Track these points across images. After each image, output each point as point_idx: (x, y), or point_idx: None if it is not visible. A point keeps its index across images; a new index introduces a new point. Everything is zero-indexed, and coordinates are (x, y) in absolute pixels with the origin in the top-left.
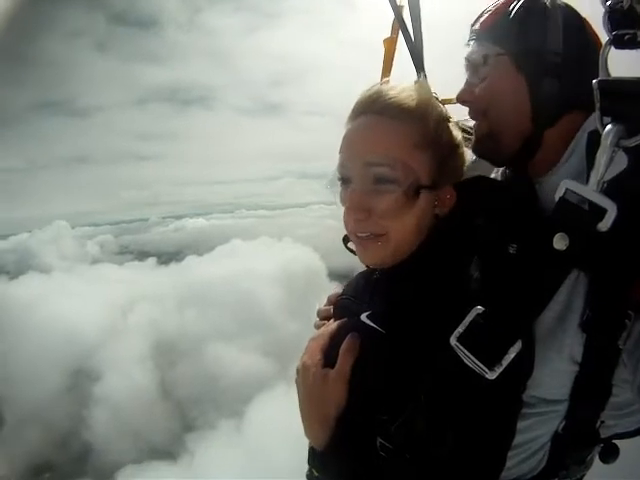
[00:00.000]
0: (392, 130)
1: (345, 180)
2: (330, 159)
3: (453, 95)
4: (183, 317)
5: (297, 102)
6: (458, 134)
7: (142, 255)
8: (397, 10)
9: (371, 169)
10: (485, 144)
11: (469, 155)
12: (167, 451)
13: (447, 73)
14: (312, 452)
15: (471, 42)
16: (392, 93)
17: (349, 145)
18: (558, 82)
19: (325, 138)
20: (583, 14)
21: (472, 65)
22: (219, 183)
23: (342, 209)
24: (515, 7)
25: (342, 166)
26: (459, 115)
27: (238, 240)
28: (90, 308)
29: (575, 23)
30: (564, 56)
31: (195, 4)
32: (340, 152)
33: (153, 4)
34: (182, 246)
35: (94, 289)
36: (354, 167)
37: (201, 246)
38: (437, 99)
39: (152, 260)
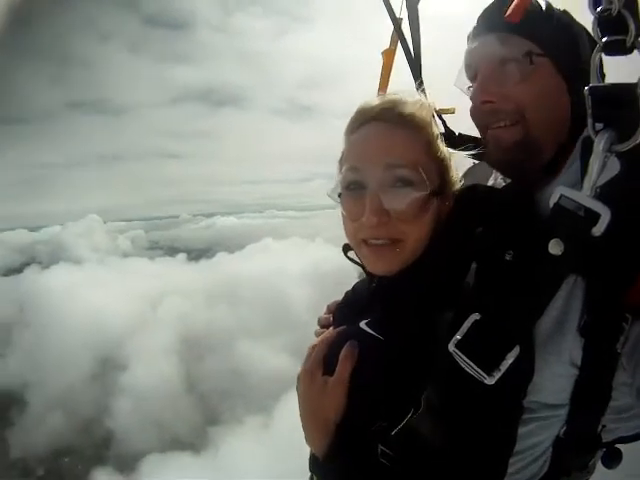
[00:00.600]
0: (408, 137)
1: (358, 185)
2: None
3: (450, 105)
4: (212, 313)
5: (329, 104)
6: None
7: (172, 251)
8: (396, 22)
9: (392, 171)
10: (516, 153)
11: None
12: (189, 443)
13: (445, 84)
14: (313, 459)
15: (494, 33)
16: (405, 104)
17: (365, 149)
18: None
19: None
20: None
21: (501, 60)
22: (250, 183)
23: (346, 218)
24: (546, 6)
25: (354, 170)
26: (458, 125)
27: (270, 239)
28: (120, 299)
29: (586, 32)
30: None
31: (227, 6)
32: (350, 158)
33: (185, 6)
34: (212, 243)
35: (125, 281)
36: (372, 170)
37: (232, 244)
38: (435, 109)
39: (182, 256)
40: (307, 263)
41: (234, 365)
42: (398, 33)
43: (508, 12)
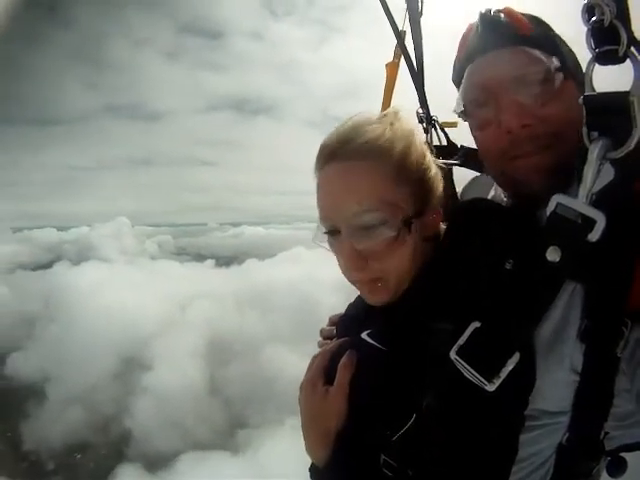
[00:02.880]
0: (367, 173)
1: (333, 232)
2: None
3: (454, 119)
4: (241, 318)
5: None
6: (428, 153)
7: (199, 257)
8: (399, 35)
9: (359, 219)
10: (556, 178)
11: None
12: (210, 444)
13: (448, 96)
14: (313, 470)
15: (506, 48)
16: (356, 135)
17: (328, 198)
18: None
19: None
20: (568, 33)
21: (524, 77)
22: (279, 194)
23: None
24: (544, 22)
25: (326, 219)
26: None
27: (301, 247)
28: (149, 300)
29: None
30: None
31: (263, 16)
32: (319, 203)
33: (221, 15)
34: (239, 252)
35: (154, 282)
36: (340, 220)
37: (260, 253)
38: (438, 123)
39: (210, 262)
40: (338, 272)
41: (261, 370)
42: (401, 46)
43: (516, 24)
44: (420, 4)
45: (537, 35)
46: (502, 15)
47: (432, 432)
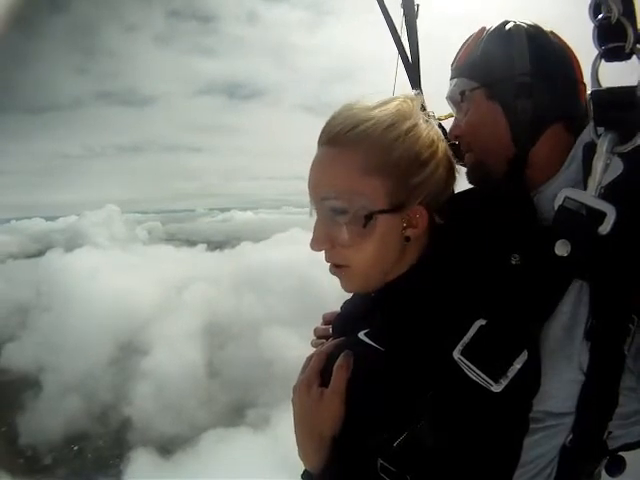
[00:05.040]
0: (339, 159)
1: (313, 212)
2: None
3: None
4: (238, 300)
5: (347, 99)
6: (428, 147)
7: (190, 243)
8: (394, 30)
9: (324, 203)
10: (474, 173)
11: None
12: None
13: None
14: (306, 476)
15: (452, 80)
16: (340, 119)
17: (308, 180)
18: (531, 101)
19: None
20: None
21: (453, 102)
22: (269, 179)
23: None
24: (482, 40)
25: (309, 199)
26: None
27: (297, 228)
28: (144, 284)
29: (540, 40)
30: (532, 75)
31: (253, 0)
32: None
33: None
34: (230, 236)
35: (149, 266)
36: (313, 201)
37: (253, 235)
38: (432, 116)
39: (202, 247)
40: None
41: (260, 352)
42: (397, 42)
43: (458, 56)
44: (416, 7)
45: (463, 64)
46: (459, 53)
47: (433, 436)
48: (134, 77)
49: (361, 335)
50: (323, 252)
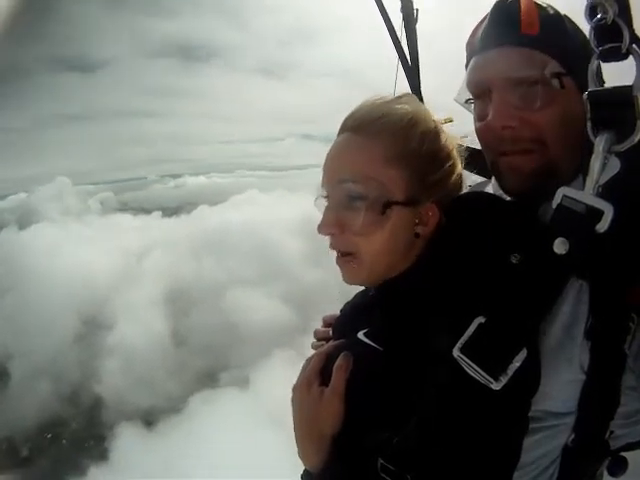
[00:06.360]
0: (363, 146)
1: (325, 197)
2: (336, 120)
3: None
4: (199, 264)
5: (307, 62)
6: (446, 147)
7: (144, 211)
8: (394, 35)
9: (342, 186)
10: (536, 180)
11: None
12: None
13: (443, 96)
14: (306, 476)
15: (509, 47)
16: (365, 109)
17: (325, 163)
18: None
19: (333, 99)
20: None
21: (521, 79)
22: (221, 143)
23: None
24: (556, 12)
25: (322, 183)
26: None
27: (255, 190)
28: (103, 256)
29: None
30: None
31: None
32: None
33: None
34: (185, 201)
35: (105, 237)
36: (329, 185)
37: (209, 199)
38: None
39: (157, 214)
40: (296, 212)
41: (225, 315)
42: (396, 46)
43: (523, 22)
44: (416, 12)
45: (542, 35)
46: (513, 8)
47: (433, 435)
48: (84, 41)
49: (360, 335)
50: (329, 239)
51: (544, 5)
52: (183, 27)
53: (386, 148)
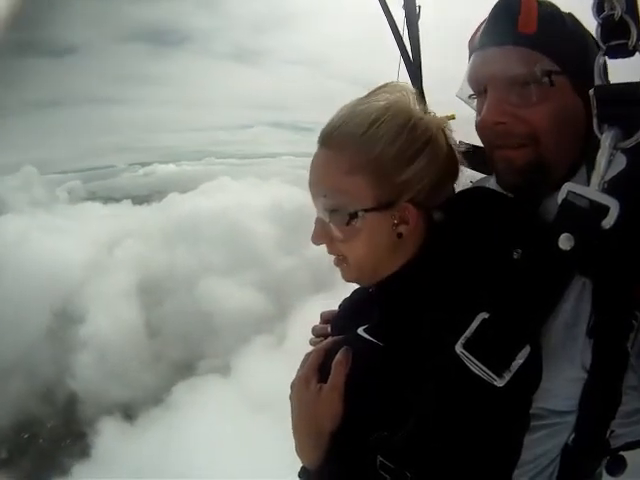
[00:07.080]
0: (329, 160)
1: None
2: (306, 109)
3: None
4: (171, 253)
5: (279, 49)
6: (419, 140)
7: (113, 200)
8: (396, 31)
9: (319, 200)
10: (528, 174)
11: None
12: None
13: (446, 93)
14: (304, 473)
15: (506, 46)
16: (330, 122)
17: (309, 177)
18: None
19: (304, 87)
20: None
21: (515, 78)
22: (191, 130)
23: None
24: (556, 11)
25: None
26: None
27: (226, 177)
28: (73, 246)
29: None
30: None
31: None
32: None
33: None
34: (154, 190)
35: (75, 227)
36: (313, 199)
37: (179, 187)
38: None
39: (127, 202)
40: (267, 199)
41: (198, 304)
42: (398, 41)
43: (520, 21)
44: (418, 9)
45: (539, 34)
46: (514, 6)
47: (433, 431)
48: (52, 25)
49: (360, 331)
50: (312, 240)
51: (545, 3)
52: (156, 11)
53: (350, 157)
